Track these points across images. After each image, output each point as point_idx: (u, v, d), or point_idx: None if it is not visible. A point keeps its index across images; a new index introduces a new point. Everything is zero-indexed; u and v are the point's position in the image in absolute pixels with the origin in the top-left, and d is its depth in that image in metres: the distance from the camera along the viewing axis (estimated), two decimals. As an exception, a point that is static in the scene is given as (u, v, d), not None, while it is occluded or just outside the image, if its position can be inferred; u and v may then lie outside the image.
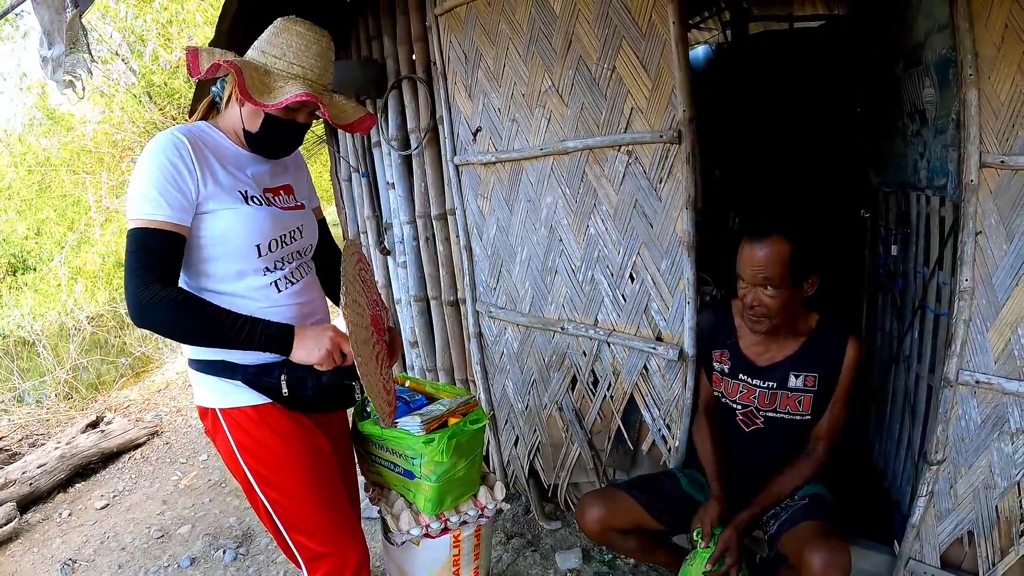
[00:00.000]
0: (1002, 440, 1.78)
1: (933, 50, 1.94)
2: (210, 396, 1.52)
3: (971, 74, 1.63)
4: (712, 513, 1.84)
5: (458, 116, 2.64)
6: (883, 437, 2.63)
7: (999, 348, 1.74)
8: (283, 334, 1.44)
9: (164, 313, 1.33)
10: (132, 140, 7.67)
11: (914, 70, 2.12)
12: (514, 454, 2.85)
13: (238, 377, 1.48)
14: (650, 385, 2.29)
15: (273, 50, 1.45)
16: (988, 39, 1.61)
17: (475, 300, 2.81)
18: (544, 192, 2.41)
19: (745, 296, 1.82)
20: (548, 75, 2.27)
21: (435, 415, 1.76)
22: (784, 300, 1.77)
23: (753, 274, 1.78)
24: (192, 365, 1.54)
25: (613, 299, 2.31)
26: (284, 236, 1.53)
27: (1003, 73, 1.61)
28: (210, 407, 1.52)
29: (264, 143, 1.52)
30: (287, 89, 1.41)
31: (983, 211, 1.69)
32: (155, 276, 1.33)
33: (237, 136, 1.52)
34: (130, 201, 1.37)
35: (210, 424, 1.54)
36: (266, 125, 1.48)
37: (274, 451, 1.51)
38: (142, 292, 1.32)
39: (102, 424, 4.46)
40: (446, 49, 2.60)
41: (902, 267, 2.44)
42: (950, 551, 1.93)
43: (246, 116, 1.48)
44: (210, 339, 1.40)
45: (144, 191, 1.35)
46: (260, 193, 1.52)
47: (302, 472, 1.53)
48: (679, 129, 1.98)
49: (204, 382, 1.52)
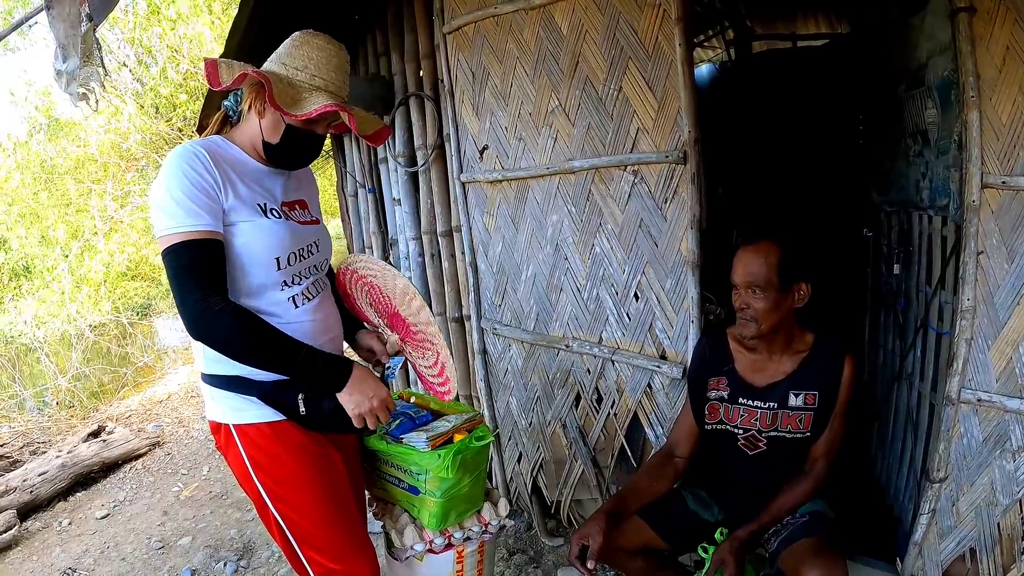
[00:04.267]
0: (1003, 458, 1.80)
1: (935, 71, 1.96)
2: (224, 411, 1.51)
3: (973, 95, 1.66)
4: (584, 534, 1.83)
5: (465, 134, 2.66)
6: (885, 454, 2.64)
7: (1000, 366, 1.76)
8: (341, 370, 1.45)
9: (230, 326, 1.32)
10: (138, 151, 7.69)
11: (917, 91, 2.14)
12: (517, 471, 2.85)
13: (253, 393, 1.47)
14: (654, 403, 2.29)
15: (295, 62, 1.45)
16: (990, 61, 1.64)
17: (480, 317, 2.82)
18: (550, 210, 2.42)
19: (736, 300, 1.86)
20: (555, 95, 2.30)
21: (441, 431, 1.77)
22: (771, 304, 1.80)
23: (742, 277, 1.82)
24: (205, 380, 1.53)
25: (618, 317, 2.32)
26: (302, 250, 1.54)
27: (1004, 95, 1.64)
28: (223, 422, 1.52)
29: (285, 154, 1.52)
30: (313, 100, 1.42)
31: (985, 231, 1.71)
32: (212, 287, 1.33)
33: (255, 149, 1.52)
34: (161, 216, 1.34)
35: (223, 439, 1.54)
36: (287, 136, 1.48)
37: (287, 468, 1.51)
38: (203, 305, 1.31)
39: (103, 434, 4.45)
40: (454, 67, 2.62)
41: (904, 285, 2.46)
42: (952, 568, 1.93)
43: (266, 127, 1.48)
44: (269, 358, 1.39)
45: (177, 203, 1.33)
46: (278, 206, 1.52)
47: (315, 489, 1.53)
48: (684, 150, 2.00)
49: (218, 397, 1.51)
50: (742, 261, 1.83)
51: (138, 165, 7.83)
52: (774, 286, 1.79)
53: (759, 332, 1.84)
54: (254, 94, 1.47)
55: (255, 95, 1.47)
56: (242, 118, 1.52)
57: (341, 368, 1.46)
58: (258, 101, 1.47)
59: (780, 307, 1.82)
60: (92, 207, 7.30)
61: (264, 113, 1.47)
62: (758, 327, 1.83)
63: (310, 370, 1.42)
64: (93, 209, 7.27)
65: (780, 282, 1.79)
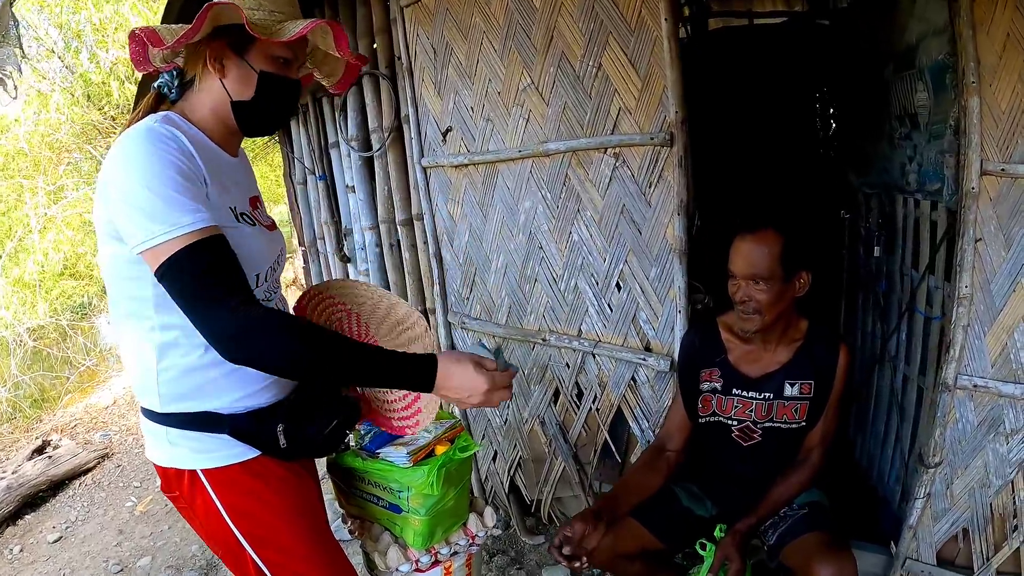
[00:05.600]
0: (997, 441, 1.81)
1: (927, 54, 1.92)
2: (186, 455, 1.26)
3: (973, 81, 1.62)
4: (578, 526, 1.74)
5: (426, 115, 2.50)
6: (866, 435, 2.64)
7: (996, 352, 1.76)
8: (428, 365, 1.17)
9: (276, 337, 1.07)
10: (70, 142, 7.23)
11: (906, 73, 2.09)
12: (493, 469, 2.73)
13: (224, 430, 1.24)
14: (639, 397, 2.20)
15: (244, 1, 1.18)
16: (990, 47, 1.61)
17: (447, 311, 2.68)
18: (522, 196, 2.29)
19: (736, 293, 1.78)
20: (527, 72, 2.16)
21: (422, 444, 1.63)
22: (775, 295, 1.73)
23: (744, 268, 1.74)
24: (159, 420, 1.26)
25: (598, 308, 2.21)
26: (274, 263, 1.33)
27: (1004, 81, 1.61)
28: (186, 468, 1.27)
29: (265, 109, 1.25)
30: (291, 26, 1.16)
31: (983, 218, 1.69)
32: (241, 294, 1.07)
33: (219, 123, 1.25)
34: (143, 221, 1.05)
35: (185, 488, 1.28)
36: (264, 85, 1.22)
37: (271, 507, 1.30)
38: (237, 317, 1.05)
39: (49, 449, 4.22)
40: (412, 43, 2.45)
41: (886, 268, 2.43)
42: (945, 548, 1.95)
43: (234, 84, 1.21)
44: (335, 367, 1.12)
45: (163, 199, 1.06)
46: (248, 210, 1.29)
47: (302, 525, 1.34)
48: (671, 131, 1.89)
49: (178, 439, 1.26)
50: (742, 250, 1.74)
51: (70, 157, 7.37)
52: (778, 277, 1.72)
53: (763, 324, 1.77)
54: (209, 49, 1.20)
55: (210, 51, 1.20)
56: (193, 89, 1.24)
57: (424, 365, 1.17)
58: (214, 57, 1.20)
59: (783, 298, 1.75)
60: (25, 204, 6.83)
61: (225, 70, 1.21)
62: (762, 319, 1.76)
63: (392, 374, 1.16)
64: (27, 207, 6.80)
65: (783, 272, 1.72)
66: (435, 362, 1.18)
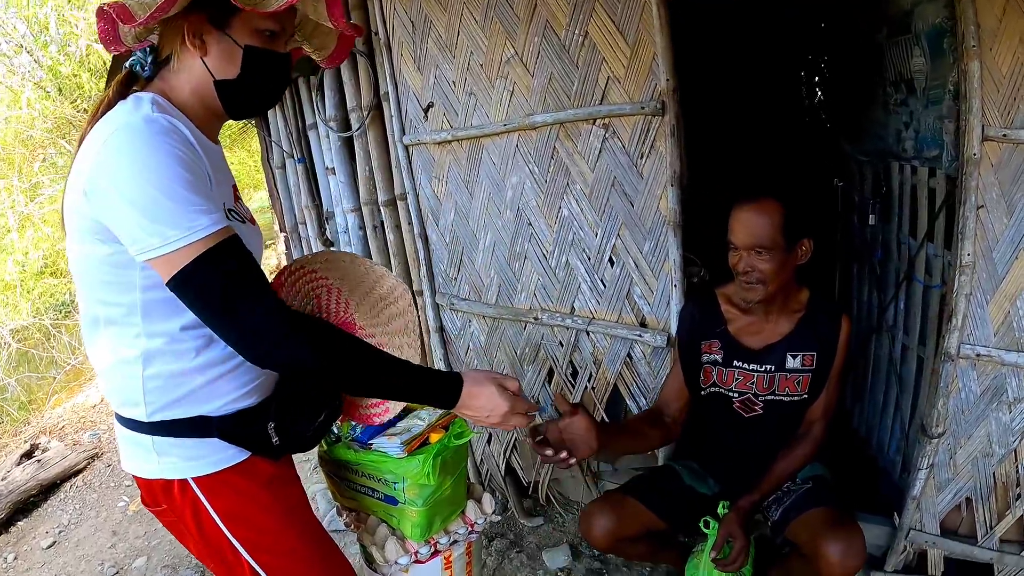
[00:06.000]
0: (1000, 410, 1.80)
1: (924, 19, 1.87)
2: (175, 465, 1.18)
3: (973, 45, 1.58)
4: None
5: (406, 91, 2.41)
6: (864, 405, 2.62)
7: (998, 321, 1.74)
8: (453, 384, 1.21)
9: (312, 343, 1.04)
10: (44, 138, 7.02)
11: (902, 38, 2.03)
12: (487, 452, 2.69)
13: (212, 433, 1.16)
14: (635, 374, 2.16)
15: None
16: (990, 10, 1.57)
17: (434, 292, 2.62)
18: (509, 172, 2.22)
19: (738, 263, 1.73)
20: (510, 43, 2.07)
21: (416, 433, 1.57)
22: (778, 265, 1.69)
23: (745, 238, 1.69)
24: (142, 428, 1.17)
25: (591, 285, 2.15)
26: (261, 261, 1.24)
27: (1005, 45, 1.58)
28: (176, 478, 1.18)
29: (251, 86, 1.15)
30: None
31: (984, 185, 1.66)
32: (269, 297, 1.02)
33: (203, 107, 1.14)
34: (158, 222, 0.96)
35: (176, 499, 1.20)
36: (250, 60, 1.11)
37: (266, 509, 1.24)
38: (270, 323, 1.01)
39: (38, 452, 4.13)
40: (389, 17, 2.35)
41: (881, 237, 2.39)
42: (948, 518, 1.95)
43: (216, 62, 1.11)
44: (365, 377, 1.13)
45: (180, 200, 0.97)
46: (233, 203, 1.20)
47: (299, 524, 1.28)
48: (662, 100, 1.83)
49: (166, 448, 1.17)
50: (743, 220, 1.69)
51: (45, 153, 7.16)
52: (780, 246, 1.67)
53: (766, 294, 1.72)
54: (188, 25, 1.09)
55: (189, 26, 1.09)
56: (171, 69, 1.13)
57: (451, 384, 1.21)
58: (193, 33, 1.09)
59: (786, 267, 1.71)
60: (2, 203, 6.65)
61: (206, 47, 1.10)
62: (765, 289, 1.71)
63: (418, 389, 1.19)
64: (3, 205, 6.62)
65: (786, 241, 1.67)
66: (460, 381, 1.21)
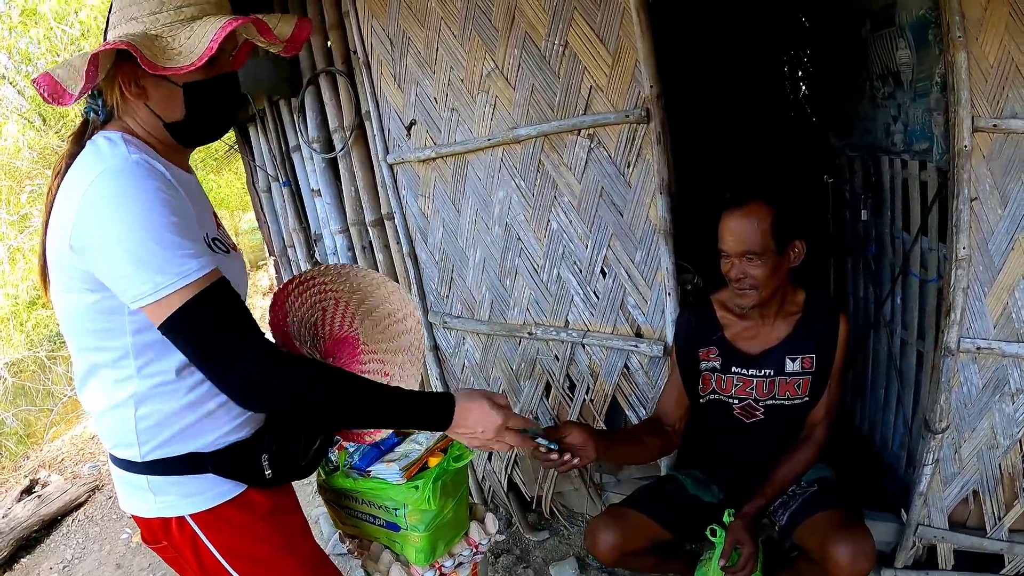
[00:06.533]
0: (1003, 401, 1.79)
1: (907, 10, 1.85)
2: (173, 503, 1.16)
3: (959, 36, 1.56)
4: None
5: (388, 110, 2.38)
6: (866, 401, 2.61)
7: (997, 312, 1.73)
8: (445, 404, 1.18)
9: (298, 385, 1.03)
10: (31, 169, 6.97)
11: (886, 31, 2.01)
12: (489, 469, 2.65)
13: (206, 468, 1.14)
14: (633, 384, 2.13)
15: (142, 8, 1.04)
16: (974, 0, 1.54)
17: (426, 311, 2.58)
18: (495, 187, 2.19)
19: (730, 271, 1.71)
20: (490, 56, 2.05)
21: (414, 459, 1.55)
22: (771, 269, 1.67)
23: (736, 245, 1.66)
24: (136, 469, 1.14)
25: (584, 297, 2.13)
26: (246, 291, 1.23)
27: (991, 34, 1.56)
28: (173, 516, 1.17)
29: (200, 123, 1.13)
30: (199, 33, 1.02)
31: (977, 176, 1.64)
32: (256, 338, 1.01)
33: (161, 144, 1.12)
34: (148, 268, 0.96)
35: (175, 537, 1.18)
36: (192, 99, 1.09)
37: (266, 542, 1.22)
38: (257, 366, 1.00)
39: (38, 487, 4.09)
40: (368, 36, 2.33)
41: (875, 232, 2.38)
42: (956, 511, 1.94)
43: (160, 107, 1.09)
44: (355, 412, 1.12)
45: (168, 245, 0.96)
46: (216, 233, 1.18)
47: (298, 556, 1.26)
48: (647, 107, 1.80)
49: (163, 487, 1.15)
50: (732, 227, 1.66)
51: (33, 184, 7.11)
52: (771, 250, 1.65)
53: (761, 299, 1.70)
54: (120, 75, 1.06)
55: (122, 76, 1.06)
56: (120, 114, 1.10)
57: (442, 404, 1.18)
58: (129, 82, 1.06)
59: (779, 270, 1.69)
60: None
61: (147, 92, 1.08)
62: (759, 295, 1.69)
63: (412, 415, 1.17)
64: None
65: (777, 245, 1.65)
66: (453, 399, 1.18)
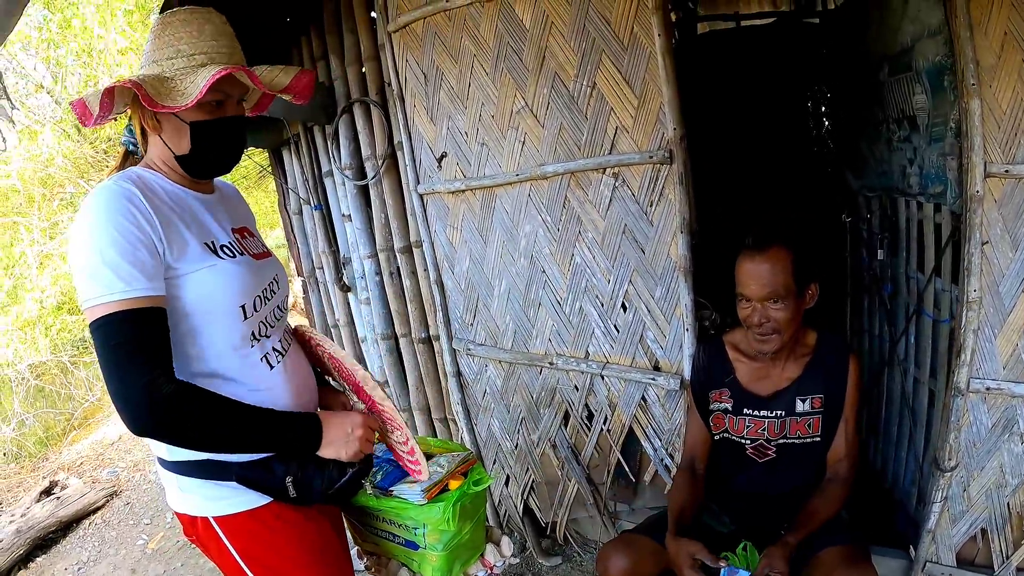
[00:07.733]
0: (1012, 441, 1.81)
1: (924, 56, 1.91)
2: (198, 503, 1.26)
3: (973, 83, 1.61)
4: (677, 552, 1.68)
5: (419, 141, 2.47)
6: (879, 438, 2.62)
7: (1007, 354, 1.75)
8: (313, 428, 1.24)
9: (190, 412, 1.08)
10: (63, 177, 7.18)
11: (903, 76, 2.07)
12: (505, 493, 2.70)
13: (231, 478, 1.23)
14: (650, 416, 2.18)
15: (162, 53, 1.18)
16: (988, 47, 1.60)
17: (451, 337, 2.65)
18: (522, 220, 2.27)
19: (751, 316, 1.72)
20: (520, 94, 2.14)
21: (435, 480, 1.60)
22: (792, 312, 1.69)
23: (759, 290, 1.68)
24: (168, 467, 1.25)
25: (605, 330, 2.19)
26: (264, 291, 1.30)
27: (1004, 82, 1.60)
28: (199, 515, 1.26)
29: (204, 158, 1.26)
30: (202, 77, 1.14)
31: (988, 221, 1.68)
32: (159, 368, 1.07)
33: (175, 172, 1.27)
34: (85, 278, 1.07)
35: (200, 532, 1.28)
36: (197, 135, 1.22)
37: (285, 556, 1.29)
38: (151, 391, 1.05)
39: (56, 489, 4.19)
40: (402, 69, 2.43)
41: (891, 271, 2.41)
42: (964, 549, 1.95)
43: (170, 140, 1.23)
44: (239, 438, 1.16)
45: (106, 263, 1.07)
46: (230, 240, 1.29)
47: (319, 570, 1.33)
48: (670, 148, 1.88)
49: (189, 487, 1.25)
50: (752, 272, 1.68)
51: (64, 192, 7.31)
52: (793, 293, 1.67)
53: (782, 343, 1.73)
54: (137, 109, 1.22)
55: (141, 110, 1.21)
56: (145, 144, 1.27)
57: (313, 424, 1.25)
58: (145, 115, 1.22)
59: (798, 313, 1.72)
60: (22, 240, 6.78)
61: (159, 125, 1.22)
62: (781, 339, 1.72)
63: (292, 440, 1.21)
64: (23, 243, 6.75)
65: (797, 287, 1.68)
66: (318, 419, 1.26)
